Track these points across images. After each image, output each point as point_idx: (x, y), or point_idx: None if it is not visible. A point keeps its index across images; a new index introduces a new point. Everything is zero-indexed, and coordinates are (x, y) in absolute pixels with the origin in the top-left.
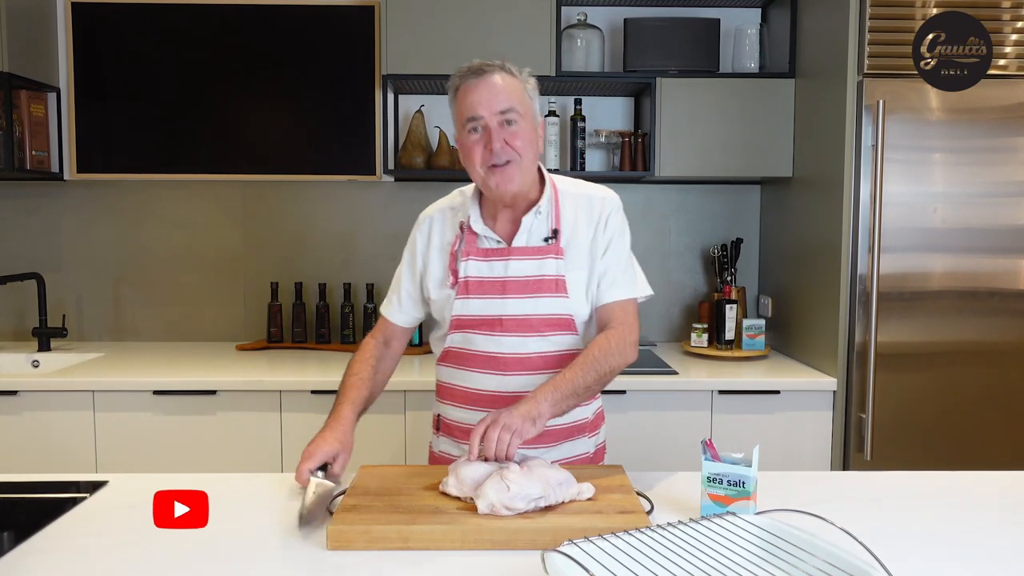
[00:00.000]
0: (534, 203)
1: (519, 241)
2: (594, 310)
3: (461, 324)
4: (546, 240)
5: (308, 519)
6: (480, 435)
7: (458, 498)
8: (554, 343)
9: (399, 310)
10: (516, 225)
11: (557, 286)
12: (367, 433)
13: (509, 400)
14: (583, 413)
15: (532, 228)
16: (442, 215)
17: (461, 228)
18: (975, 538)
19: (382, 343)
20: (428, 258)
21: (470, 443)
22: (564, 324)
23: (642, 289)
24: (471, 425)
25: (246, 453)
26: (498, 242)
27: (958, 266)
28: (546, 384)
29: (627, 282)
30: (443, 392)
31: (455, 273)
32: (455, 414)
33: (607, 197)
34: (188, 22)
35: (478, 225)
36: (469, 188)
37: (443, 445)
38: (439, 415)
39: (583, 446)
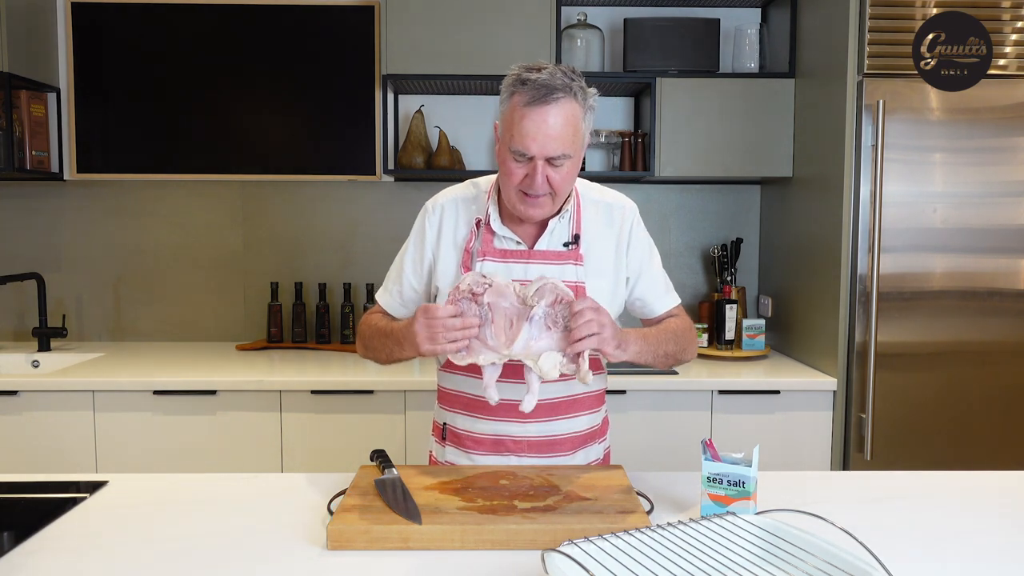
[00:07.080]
0: (560, 207)
1: (542, 245)
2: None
3: None
4: (566, 245)
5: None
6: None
7: (458, 497)
8: None
9: (400, 303)
10: (538, 227)
11: (577, 294)
12: (367, 433)
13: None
14: (595, 420)
15: (555, 232)
16: (454, 206)
17: (477, 225)
18: (975, 538)
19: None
20: (438, 252)
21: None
22: None
23: None
24: (484, 435)
25: (246, 453)
26: (518, 243)
27: (958, 266)
28: (634, 330)
29: (671, 289)
30: (449, 400)
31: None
32: (465, 423)
33: (626, 206)
34: (188, 22)
35: (497, 225)
36: (484, 181)
37: (450, 455)
38: (445, 424)
39: (595, 452)
